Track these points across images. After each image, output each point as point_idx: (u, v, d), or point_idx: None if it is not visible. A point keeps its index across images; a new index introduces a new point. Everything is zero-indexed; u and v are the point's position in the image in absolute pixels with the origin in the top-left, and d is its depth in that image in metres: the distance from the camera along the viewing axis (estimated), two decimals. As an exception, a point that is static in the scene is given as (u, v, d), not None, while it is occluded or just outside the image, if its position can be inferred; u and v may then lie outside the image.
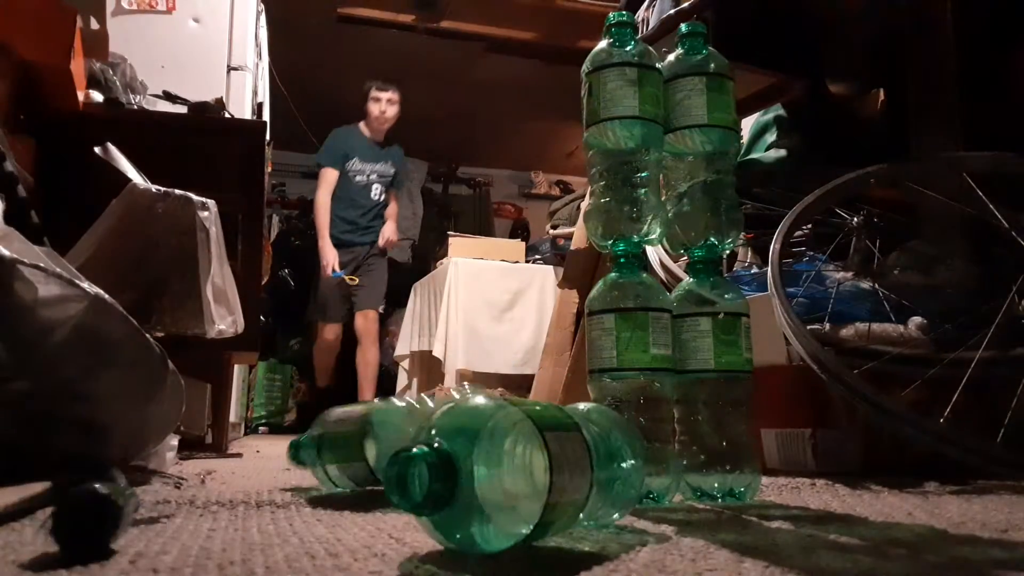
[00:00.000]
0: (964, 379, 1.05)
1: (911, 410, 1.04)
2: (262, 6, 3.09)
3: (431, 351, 3.58)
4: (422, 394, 0.93)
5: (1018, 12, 1.55)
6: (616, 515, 0.64)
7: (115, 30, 2.42)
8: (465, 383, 3.17)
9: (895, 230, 1.45)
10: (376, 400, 0.99)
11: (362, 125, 3.90)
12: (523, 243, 4.27)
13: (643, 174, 0.91)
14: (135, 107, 2.13)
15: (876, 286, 1.32)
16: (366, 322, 3.80)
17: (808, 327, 1.18)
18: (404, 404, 0.95)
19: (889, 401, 1.05)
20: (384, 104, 3.83)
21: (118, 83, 2.08)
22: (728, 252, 1.14)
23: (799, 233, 1.45)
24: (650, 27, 1.81)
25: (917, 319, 1.28)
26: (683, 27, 0.96)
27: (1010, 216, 1.23)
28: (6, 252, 0.85)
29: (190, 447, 1.82)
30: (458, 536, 0.50)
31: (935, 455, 1.04)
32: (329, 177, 3.79)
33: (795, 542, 0.60)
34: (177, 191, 1.42)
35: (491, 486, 0.49)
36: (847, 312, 1.29)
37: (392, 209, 3.97)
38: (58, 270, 0.88)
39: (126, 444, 0.99)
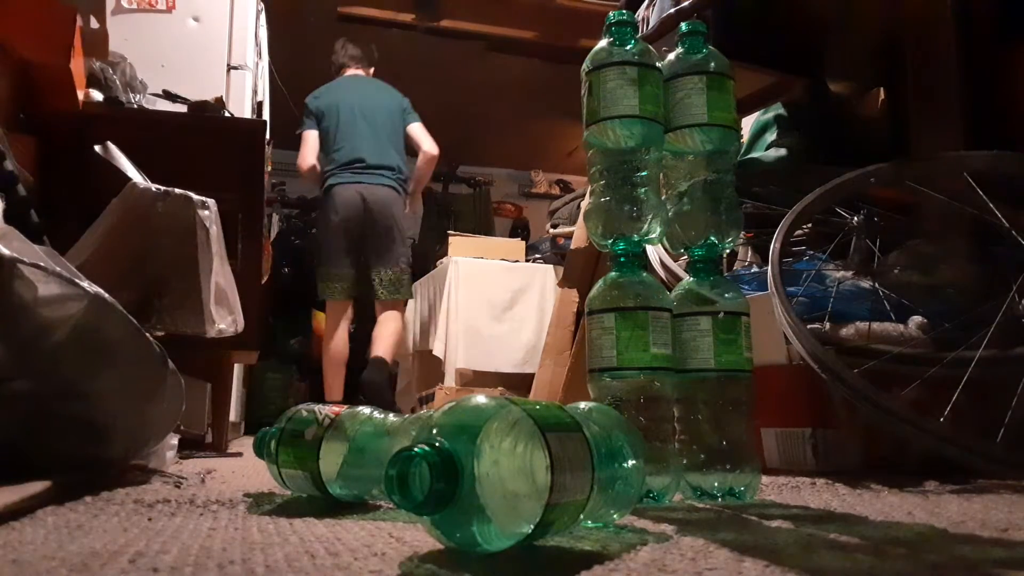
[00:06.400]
0: (964, 378, 1.05)
1: (911, 409, 1.04)
2: (262, 5, 3.08)
3: (431, 350, 3.57)
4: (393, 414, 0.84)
5: (1019, 10, 1.55)
6: (617, 514, 0.64)
7: (115, 29, 2.42)
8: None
9: (895, 229, 1.44)
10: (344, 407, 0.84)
11: None
12: (523, 242, 4.27)
13: (643, 173, 0.91)
14: (135, 106, 2.13)
15: (876, 285, 1.32)
16: None
17: (808, 326, 1.18)
18: (377, 418, 0.81)
19: (889, 400, 1.05)
20: None
21: (118, 82, 2.08)
22: (728, 251, 1.14)
23: (799, 232, 1.45)
24: (650, 26, 1.81)
25: (917, 318, 1.28)
26: (683, 26, 0.96)
27: (1010, 215, 1.23)
28: (6, 251, 0.85)
29: (190, 446, 1.82)
30: (459, 535, 0.50)
31: (935, 454, 1.04)
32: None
33: (795, 541, 0.60)
34: (177, 190, 1.42)
35: (492, 485, 0.49)
36: (847, 311, 1.29)
37: None
38: (58, 269, 0.88)
39: (126, 443, 0.99)
